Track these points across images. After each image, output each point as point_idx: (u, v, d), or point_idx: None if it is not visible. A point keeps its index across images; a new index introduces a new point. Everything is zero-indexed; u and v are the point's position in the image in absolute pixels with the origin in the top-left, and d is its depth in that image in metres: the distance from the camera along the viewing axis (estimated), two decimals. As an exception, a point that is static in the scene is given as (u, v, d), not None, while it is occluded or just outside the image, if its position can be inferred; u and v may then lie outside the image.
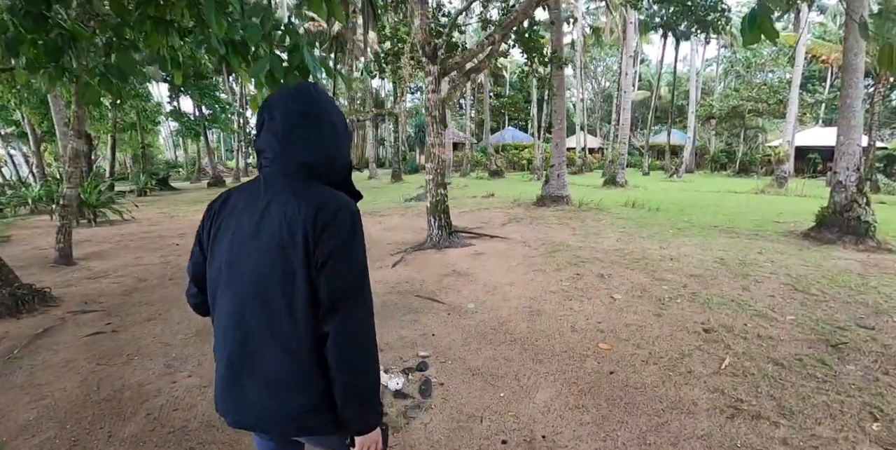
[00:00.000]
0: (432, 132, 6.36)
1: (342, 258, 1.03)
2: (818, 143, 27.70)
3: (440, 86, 6.36)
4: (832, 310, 4.04)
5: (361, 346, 1.05)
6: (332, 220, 1.03)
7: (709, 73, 41.29)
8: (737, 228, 8.06)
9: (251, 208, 1.11)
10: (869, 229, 6.82)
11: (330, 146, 1.14)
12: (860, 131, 6.87)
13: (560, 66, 9.03)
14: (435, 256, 6.09)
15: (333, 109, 1.16)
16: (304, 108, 1.12)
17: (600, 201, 10.97)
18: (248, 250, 1.08)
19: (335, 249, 1.02)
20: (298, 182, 1.11)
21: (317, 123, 1.12)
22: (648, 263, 5.33)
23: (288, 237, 1.03)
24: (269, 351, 1.06)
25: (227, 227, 1.13)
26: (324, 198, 1.07)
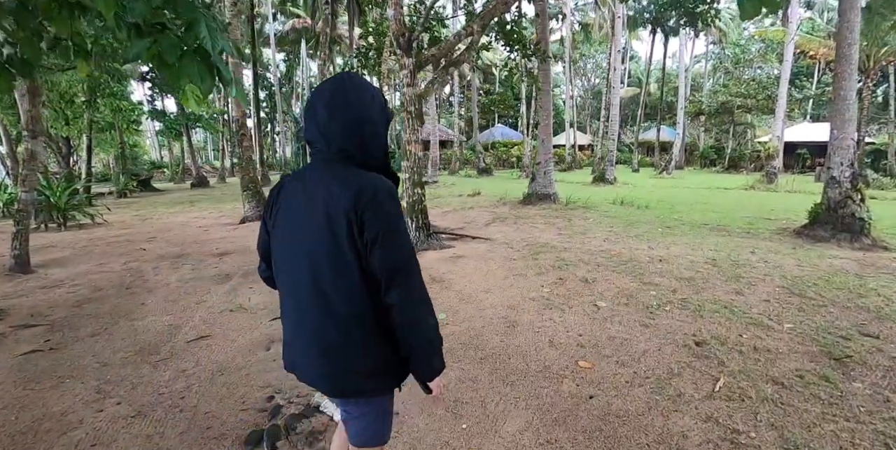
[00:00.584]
0: (408, 129, 6.00)
1: (389, 237, 1.12)
2: (806, 138, 27.73)
3: (416, 79, 6.00)
4: (832, 316, 3.74)
5: (425, 309, 1.18)
6: (372, 201, 1.11)
7: (697, 70, 41.24)
8: (728, 225, 7.79)
9: (302, 192, 1.21)
10: (864, 227, 6.56)
11: (364, 133, 1.21)
12: (854, 125, 6.61)
13: (545, 59, 8.70)
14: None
15: (366, 98, 1.22)
16: (338, 98, 1.19)
17: (588, 199, 10.67)
18: (300, 229, 1.20)
19: (381, 229, 1.11)
20: (340, 167, 1.19)
21: (349, 111, 1.19)
22: (636, 266, 5.01)
23: (333, 218, 1.12)
24: (319, 320, 1.19)
25: (284, 209, 1.25)
26: (363, 181, 1.15)
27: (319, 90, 1.23)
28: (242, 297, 4.62)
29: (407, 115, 6.00)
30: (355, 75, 1.26)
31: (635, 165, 27.55)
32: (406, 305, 1.14)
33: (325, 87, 1.22)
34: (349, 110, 1.19)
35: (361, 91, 1.22)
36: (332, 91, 1.20)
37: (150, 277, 5.59)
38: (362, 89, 1.22)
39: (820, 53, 19.55)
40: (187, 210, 12.56)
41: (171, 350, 3.43)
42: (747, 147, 29.88)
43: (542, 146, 9.74)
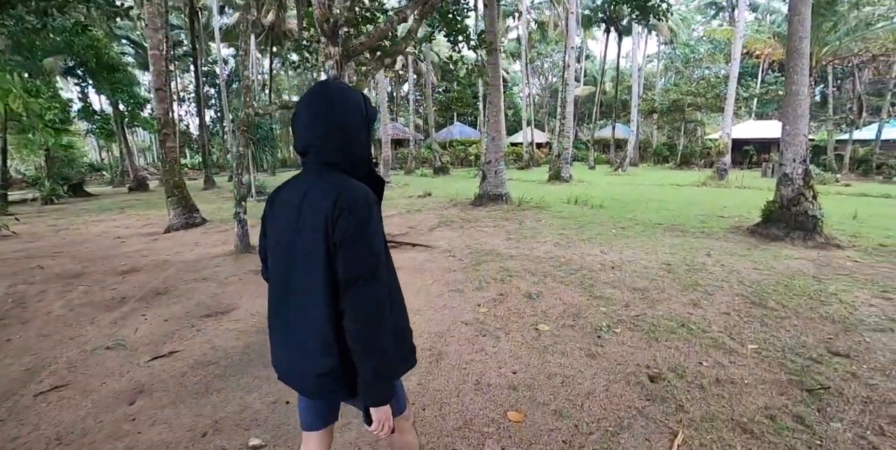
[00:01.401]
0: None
1: (356, 242, 1.13)
2: (752, 135, 28.66)
3: (344, 71, 5.32)
4: (797, 330, 3.35)
5: (372, 325, 1.13)
6: (349, 206, 1.13)
7: (650, 69, 42.15)
8: (682, 224, 7.51)
9: (293, 196, 1.25)
10: (817, 224, 6.37)
11: (345, 139, 1.23)
12: (806, 120, 6.40)
13: (491, 51, 8.18)
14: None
15: (346, 104, 1.23)
16: (319, 106, 1.22)
17: (542, 199, 10.26)
18: (286, 233, 1.24)
19: (349, 233, 1.13)
20: (325, 173, 1.22)
21: (329, 119, 1.21)
22: (587, 275, 4.53)
23: (314, 222, 1.16)
24: (294, 321, 1.23)
25: (276, 213, 1.31)
26: (344, 187, 1.17)
27: (302, 99, 1.25)
28: (129, 328, 3.85)
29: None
30: (335, 83, 1.28)
31: (591, 163, 27.68)
32: (357, 317, 1.13)
33: (307, 96, 1.24)
34: (329, 117, 1.21)
35: (341, 98, 1.23)
36: (312, 99, 1.23)
37: (32, 303, 4.69)
38: (342, 96, 1.23)
39: (765, 53, 20.04)
40: (113, 218, 11.35)
41: (12, 408, 2.66)
42: (698, 144, 30.62)
43: (493, 144, 9.22)
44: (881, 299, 4.10)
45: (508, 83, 44.95)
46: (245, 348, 3.31)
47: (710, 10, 38.37)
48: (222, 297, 4.60)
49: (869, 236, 6.77)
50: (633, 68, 28.74)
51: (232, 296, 4.60)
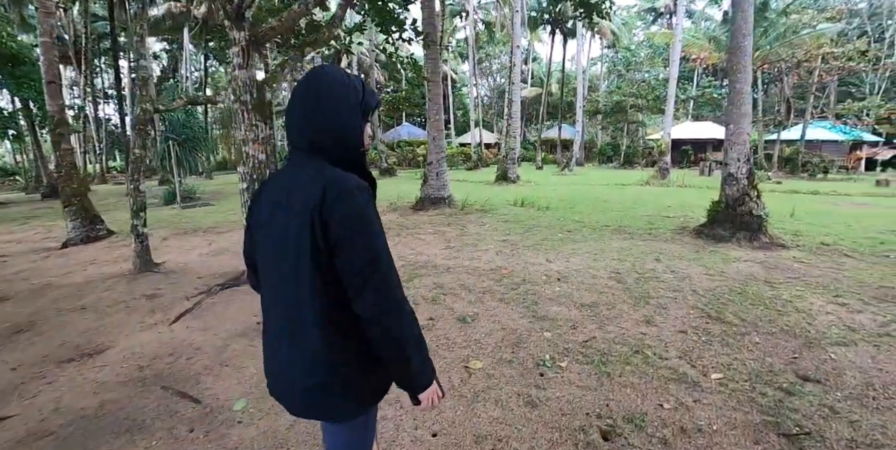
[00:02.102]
0: (243, 124, 4.55)
1: (353, 242, 1.01)
2: (690, 135, 29.82)
3: (252, 59, 4.56)
4: (760, 350, 2.98)
5: (402, 320, 1.04)
6: (338, 200, 1.01)
7: (594, 72, 43.17)
8: (629, 226, 7.24)
9: (278, 190, 1.13)
10: (762, 224, 6.24)
11: (335, 127, 1.12)
12: (749, 119, 6.25)
13: (429, 44, 7.60)
14: (247, 298, 4.31)
15: (339, 89, 1.13)
16: (310, 91, 1.13)
17: (487, 201, 9.80)
18: (272, 231, 1.11)
19: (344, 231, 1.00)
20: (312, 163, 1.10)
21: (319, 104, 1.11)
22: (530, 291, 4.02)
23: (299, 215, 1.03)
24: (281, 331, 1.11)
25: (261, 211, 1.17)
26: (330, 178, 1.04)
27: (296, 85, 1.17)
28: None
29: (240, 106, 4.54)
30: (331, 66, 1.19)
31: (539, 163, 27.79)
32: (376, 317, 1.02)
33: (301, 81, 1.16)
34: (319, 102, 1.11)
35: (334, 82, 1.13)
36: (304, 84, 1.15)
37: None
38: (335, 80, 1.13)
39: (700, 57, 20.72)
40: (11, 230, 9.83)
41: None
42: (640, 144, 31.50)
43: (434, 144, 8.64)
44: (835, 305, 3.87)
45: (458, 84, 44.77)
46: (99, 409, 2.53)
47: (650, 16, 39.78)
48: (97, 332, 3.74)
49: (809, 235, 6.75)
50: (578, 71, 29.19)
51: (109, 331, 3.75)
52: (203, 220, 9.38)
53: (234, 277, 4.98)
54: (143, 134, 5.60)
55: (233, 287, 4.71)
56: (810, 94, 22.53)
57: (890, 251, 5.81)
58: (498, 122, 41.41)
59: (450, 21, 32.46)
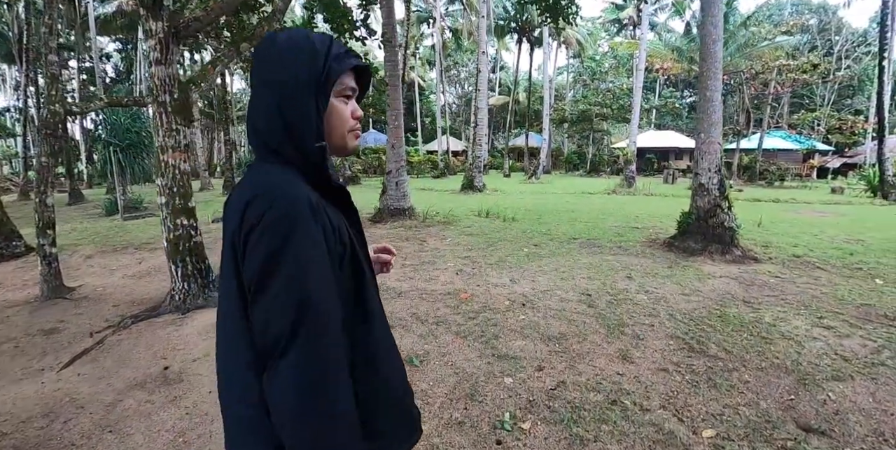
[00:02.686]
0: (161, 129, 3.91)
1: (265, 286, 0.71)
2: (653, 144, 30.38)
3: (172, 54, 3.92)
4: (753, 392, 2.57)
5: (300, 418, 0.69)
6: (257, 223, 0.71)
7: (560, 81, 43.71)
8: (598, 239, 6.88)
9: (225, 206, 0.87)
10: (734, 236, 5.97)
11: (270, 114, 0.81)
12: (720, 128, 6.00)
13: (386, 43, 7.06)
14: (162, 334, 3.65)
15: (290, 55, 0.81)
16: (258, 61, 0.85)
17: (451, 211, 9.31)
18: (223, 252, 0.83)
19: (257, 270, 0.71)
20: (257, 164, 0.84)
21: (265, 76, 0.83)
22: (490, 320, 3.52)
23: (225, 244, 0.78)
24: (219, 387, 0.83)
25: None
26: (260, 188, 0.76)
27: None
28: None
29: (157, 107, 3.90)
30: (289, 31, 0.86)
31: (506, 171, 27.65)
32: (283, 416, 0.69)
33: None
34: (260, 80, 0.83)
35: (282, 51, 0.82)
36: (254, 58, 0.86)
37: None
38: (283, 48, 0.82)
39: (663, 67, 20.99)
40: None
41: None
42: (605, 152, 31.86)
43: (393, 152, 8.10)
44: (821, 329, 3.55)
45: (426, 91, 44.43)
46: None
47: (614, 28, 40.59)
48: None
49: (779, 246, 6.57)
50: (545, 79, 29.31)
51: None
52: (141, 233, 8.52)
53: (154, 305, 4.29)
54: (52, 139, 4.85)
55: (149, 318, 4.02)
56: (766, 104, 23.21)
57: (861, 263, 5.65)
58: (466, 129, 41.27)
59: (417, 27, 32.14)
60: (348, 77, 0.86)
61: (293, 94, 0.80)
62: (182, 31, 3.88)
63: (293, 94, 0.80)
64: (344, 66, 0.83)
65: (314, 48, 0.82)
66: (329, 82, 0.81)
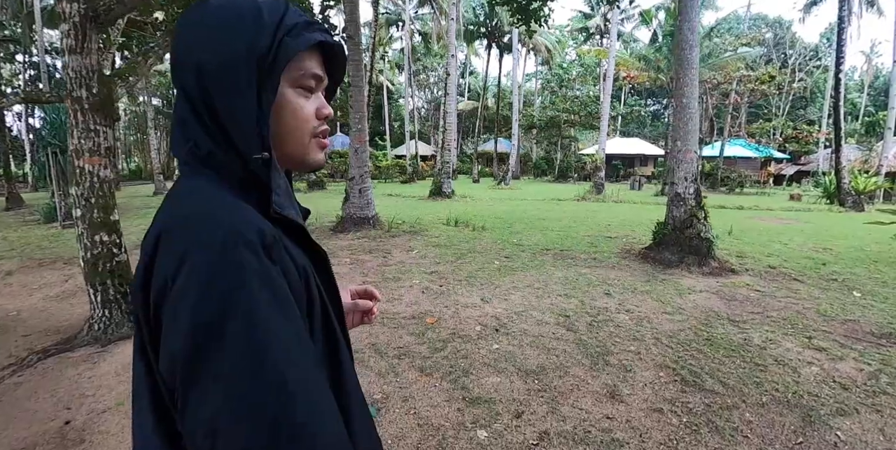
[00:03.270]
0: (76, 129, 3.33)
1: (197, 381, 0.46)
2: (619, 151, 30.88)
3: (90, 42, 3.35)
4: (758, 436, 2.27)
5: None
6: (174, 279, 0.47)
7: (529, 88, 44.09)
8: (571, 249, 6.58)
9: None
10: (710, 247, 5.78)
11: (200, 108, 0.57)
12: (697, 136, 5.82)
13: (346, 39, 6.57)
14: (71, 374, 3.06)
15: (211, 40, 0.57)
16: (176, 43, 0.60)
17: (418, 219, 8.88)
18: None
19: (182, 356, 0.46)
20: (182, 179, 0.60)
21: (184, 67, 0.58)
22: (460, 350, 3.10)
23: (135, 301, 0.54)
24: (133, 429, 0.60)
25: None
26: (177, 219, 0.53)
27: None
28: None
29: (72, 105, 3.32)
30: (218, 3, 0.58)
31: (476, 176, 27.44)
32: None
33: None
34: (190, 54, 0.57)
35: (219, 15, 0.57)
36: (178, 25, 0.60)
37: None
38: (223, 13, 0.57)
39: (630, 76, 21.26)
40: None
41: None
42: (573, 158, 32.18)
43: (356, 157, 7.59)
44: (813, 351, 3.33)
45: (394, 95, 43.90)
46: None
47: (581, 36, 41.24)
48: None
49: (753, 256, 6.46)
50: (514, 85, 29.32)
51: None
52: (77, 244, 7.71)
53: (70, 336, 3.66)
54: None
55: (61, 353, 3.41)
56: (727, 113, 23.85)
57: (835, 274, 5.57)
58: (434, 134, 40.99)
59: (386, 30, 31.68)
60: (311, 60, 0.61)
61: (223, 79, 0.56)
62: (102, 16, 3.32)
63: (223, 80, 0.56)
64: (302, 42, 0.58)
65: (259, 15, 0.57)
66: (278, 64, 0.57)
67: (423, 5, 31.58)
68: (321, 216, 9.38)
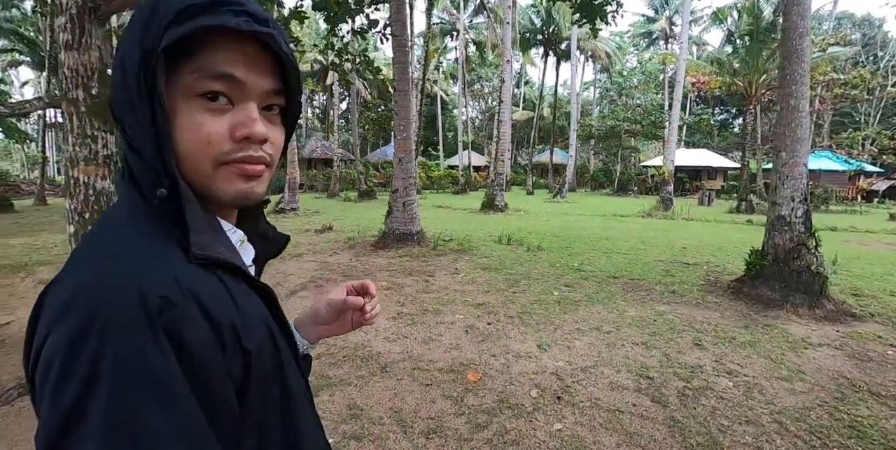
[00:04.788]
0: (71, 134, 2.91)
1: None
2: (685, 162, 28.82)
3: (90, 37, 2.93)
4: None
5: None
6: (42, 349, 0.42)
7: (586, 97, 42.62)
8: (643, 278, 5.63)
9: None
10: (824, 285, 4.67)
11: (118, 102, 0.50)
12: (808, 146, 4.76)
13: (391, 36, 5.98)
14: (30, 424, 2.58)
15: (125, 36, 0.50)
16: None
17: (467, 236, 8.15)
18: None
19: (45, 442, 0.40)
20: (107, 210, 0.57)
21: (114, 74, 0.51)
22: (509, 428, 2.33)
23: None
24: None
25: None
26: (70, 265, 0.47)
27: None
28: None
29: (67, 107, 2.90)
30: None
31: (530, 188, 26.45)
32: None
33: None
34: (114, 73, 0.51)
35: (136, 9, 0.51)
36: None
37: None
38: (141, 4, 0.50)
39: (700, 81, 19.66)
40: None
41: None
42: (633, 170, 30.46)
43: (400, 167, 7.00)
44: None
45: (448, 105, 43.75)
46: None
47: (643, 42, 39.40)
48: None
49: (871, 293, 5.25)
50: (573, 93, 28.18)
51: None
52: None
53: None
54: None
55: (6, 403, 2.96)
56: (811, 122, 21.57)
57: None
58: (488, 144, 40.35)
59: (440, 39, 31.56)
60: (216, 55, 0.49)
61: (117, 93, 0.49)
62: (103, 6, 2.89)
63: (117, 94, 0.49)
64: (184, 28, 0.46)
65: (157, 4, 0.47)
66: (155, 61, 0.45)
67: (477, 14, 31.22)
68: (364, 230, 8.89)
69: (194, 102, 0.48)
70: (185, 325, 0.43)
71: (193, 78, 0.48)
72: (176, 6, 0.46)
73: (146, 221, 0.47)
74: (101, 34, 2.96)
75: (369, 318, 0.75)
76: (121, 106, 0.49)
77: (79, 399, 0.38)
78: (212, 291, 0.47)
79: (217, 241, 0.52)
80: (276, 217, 12.61)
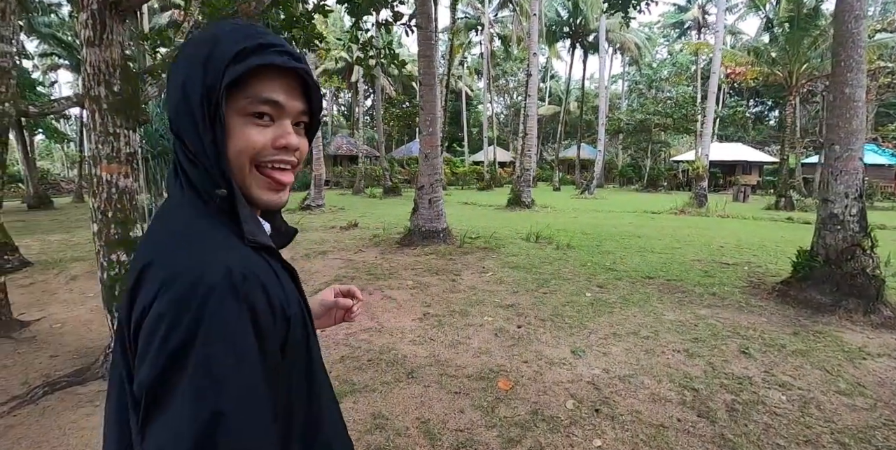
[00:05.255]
0: (93, 132, 2.87)
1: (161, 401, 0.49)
2: (718, 157, 27.78)
3: (111, 33, 2.89)
4: None
5: None
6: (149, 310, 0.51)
7: (614, 90, 41.64)
8: (680, 279, 5.37)
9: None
10: (880, 289, 4.33)
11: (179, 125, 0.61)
12: (863, 138, 4.40)
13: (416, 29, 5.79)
14: (68, 419, 2.56)
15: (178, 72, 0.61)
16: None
17: (493, 234, 7.98)
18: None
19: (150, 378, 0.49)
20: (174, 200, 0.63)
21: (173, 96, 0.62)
22: (543, 443, 2.17)
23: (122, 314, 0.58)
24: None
25: None
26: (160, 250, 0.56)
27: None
28: None
29: (90, 104, 2.86)
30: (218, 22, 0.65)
31: (556, 184, 25.99)
32: None
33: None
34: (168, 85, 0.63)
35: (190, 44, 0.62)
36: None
37: None
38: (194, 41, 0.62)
39: (736, 71, 18.85)
40: None
41: None
42: (663, 165, 29.58)
43: (426, 164, 6.86)
44: None
45: (473, 101, 43.39)
46: None
47: (674, 33, 38.18)
48: None
49: (934, 300, 4.84)
50: (601, 86, 27.46)
51: None
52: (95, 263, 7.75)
53: (86, 365, 3.23)
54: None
55: (70, 387, 2.96)
56: (858, 114, 20.45)
57: None
58: (513, 140, 39.88)
59: (465, 34, 31.26)
60: (263, 84, 0.60)
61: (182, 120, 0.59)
62: (124, 2, 2.83)
63: (182, 122, 0.59)
64: (241, 67, 0.57)
65: (214, 47, 0.58)
66: (217, 93, 0.56)
67: (502, 7, 30.78)
68: (389, 227, 8.82)
69: (246, 119, 0.60)
70: (255, 295, 0.53)
71: (247, 102, 0.59)
72: (233, 49, 0.56)
73: (209, 217, 0.58)
74: (124, 31, 2.91)
75: (353, 317, 0.93)
76: (183, 125, 0.59)
77: (182, 346, 0.48)
78: (264, 268, 0.57)
79: (260, 230, 0.62)
80: (302, 214, 12.69)
